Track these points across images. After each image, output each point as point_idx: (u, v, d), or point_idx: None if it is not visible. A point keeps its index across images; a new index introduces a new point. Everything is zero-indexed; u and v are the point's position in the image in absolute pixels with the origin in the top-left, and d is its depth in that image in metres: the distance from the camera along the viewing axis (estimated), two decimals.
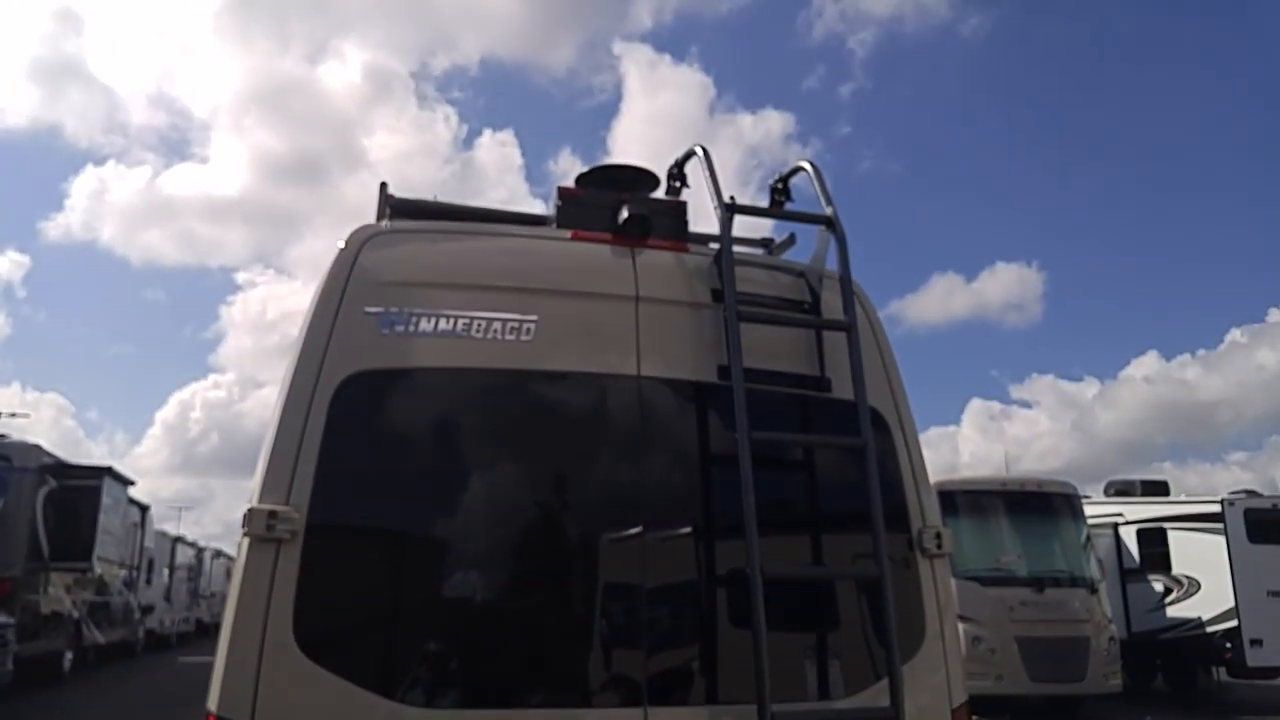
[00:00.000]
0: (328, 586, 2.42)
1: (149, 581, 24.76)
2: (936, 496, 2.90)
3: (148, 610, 24.44)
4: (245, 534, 2.39)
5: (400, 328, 2.60)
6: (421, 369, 2.64)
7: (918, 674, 2.65)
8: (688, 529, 2.70)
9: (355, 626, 2.49)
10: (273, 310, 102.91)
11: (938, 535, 2.79)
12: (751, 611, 2.42)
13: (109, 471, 18.89)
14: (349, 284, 2.60)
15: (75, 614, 17.71)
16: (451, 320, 2.64)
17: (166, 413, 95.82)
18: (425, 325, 2.62)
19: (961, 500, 14.16)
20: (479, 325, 2.65)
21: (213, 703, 2.30)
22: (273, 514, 2.36)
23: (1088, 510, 15.55)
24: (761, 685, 2.39)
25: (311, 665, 2.31)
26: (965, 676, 10.45)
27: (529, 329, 2.69)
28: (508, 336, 2.67)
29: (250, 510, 2.39)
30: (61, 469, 17.17)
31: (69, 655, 17.37)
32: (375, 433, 2.60)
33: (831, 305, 2.95)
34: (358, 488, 2.54)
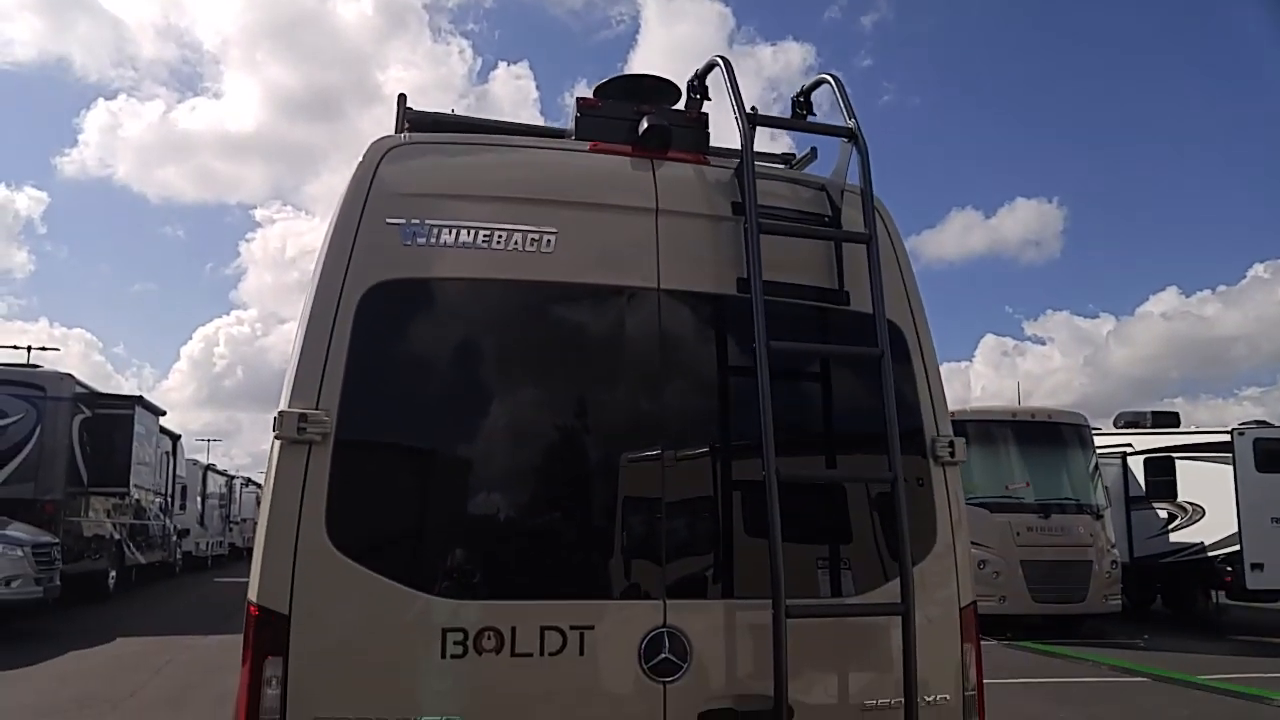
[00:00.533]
0: (359, 486, 2.52)
1: (183, 507, 25.61)
2: (947, 410, 2.99)
3: (184, 534, 25.36)
4: (276, 436, 2.48)
5: (422, 240, 2.65)
6: (444, 279, 2.71)
7: (928, 575, 2.78)
8: (706, 436, 2.80)
9: (386, 524, 2.61)
10: (292, 247, 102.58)
11: (950, 444, 2.90)
12: (768, 513, 2.53)
13: (140, 401, 19.41)
14: (369, 195, 2.64)
15: (116, 536, 18.47)
16: (472, 232, 2.68)
17: (191, 348, 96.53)
18: (446, 237, 2.67)
19: (973, 430, 14.39)
20: (499, 237, 2.70)
21: (253, 594, 2.44)
22: (303, 417, 2.45)
23: (1097, 441, 15.81)
24: (776, 581, 2.51)
25: (345, 560, 2.43)
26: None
27: (549, 241, 2.73)
28: (528, 248, 2.71)
29: (281, 413, 2.47)
30: (94, 398, 17.67)
31: (113, 574, 18.23)
32: (401, 340, 2.68)
33: (852, 219, 2.98)
34: (385, 392, 2.62)
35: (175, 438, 24.23)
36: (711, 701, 2.59)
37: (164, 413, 21.61)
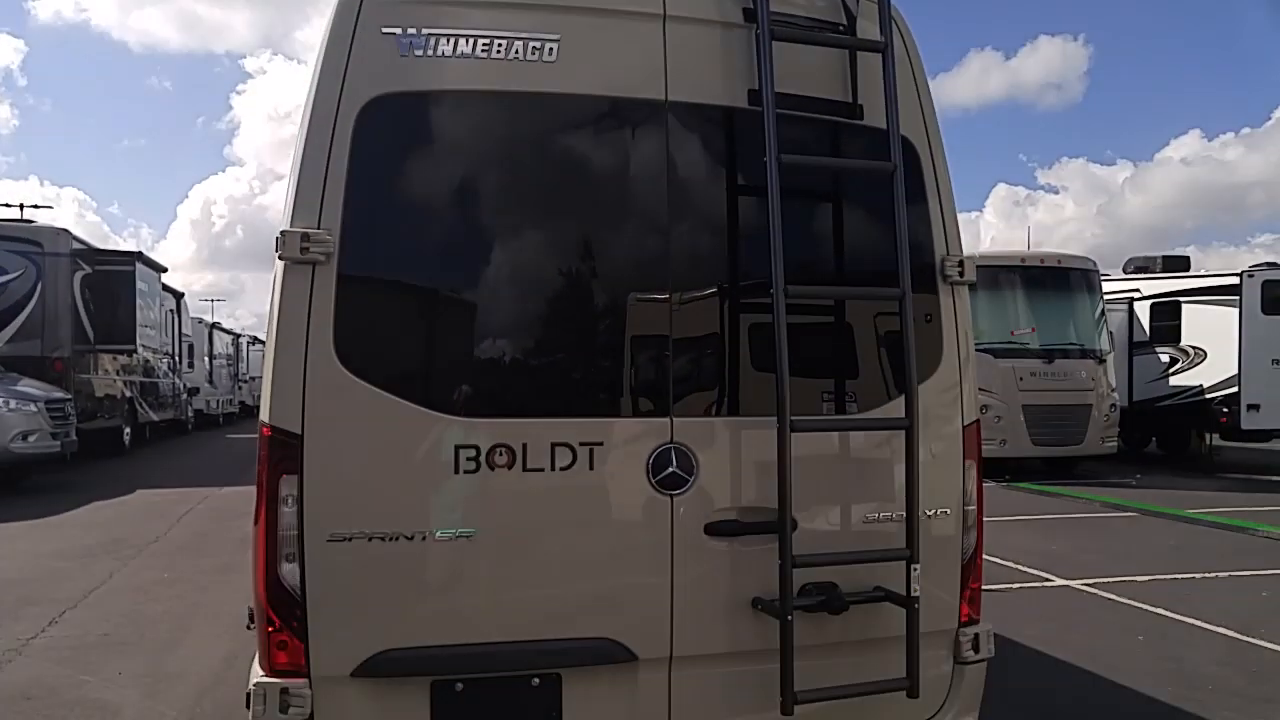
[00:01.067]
0: (366, 307, 2.52)
1: (191, 365, 25.92)
2: (958, 230, 2.94)
3: (194, 392, 25.77)
4: (280, 257, 2.44)
5: (419, 51, 2.55)
6: (444, 92, 2.63)
7: (933, 393, 2.80)
8: (714, 250, 2.78)
9: (395, 345, 2.60)
10: (286, 101, 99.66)
11: (960, 264, 2.87)
12: (774, 326, 2.53)
13: (139, 256, 19.27)
14: (364, 2, 2.53)
15: (127, 393, 18.77)
16: (471, 41, 2.58)
17: (189, 207, 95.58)
18: (444, 47, 2.56)
19: (980, 274, 14.23)
20: (499, 45, 2.59)
21: (265, 414, 2.46)
22: (305, 236, 2.41)
23: (1105, 287, 15.76)
24: (781, 393, 2.52)
25: (355, 380, 2.44)
26: None
27: (551, 49, 2.62)
28: (529, 57, 2.61)
29: (283, 233, 2.42)
30: (93, 254, 17.55)
31: (127, 431, 18.66)
32: (402, 157, 2.62)
33: (867, 29, 2.86)
34: (389, 211, 2.58)
35: (179, 295, 24.23)
36: (716, 513, 2.64)
37: (165, 269, 21.51)
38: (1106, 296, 15.60)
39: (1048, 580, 7.74)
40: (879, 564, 2.70)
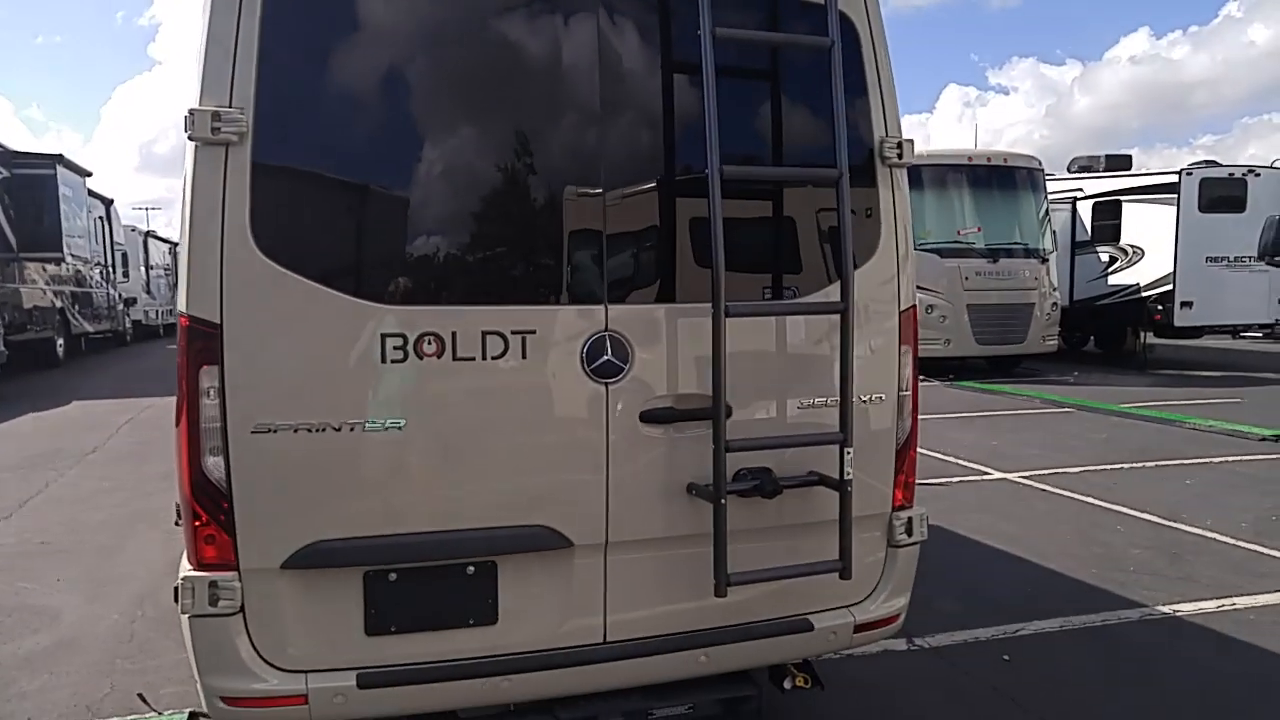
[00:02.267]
0: (283, 189, 2.40)
1: (126, 275, 24.99)
2: (897, 112, 2.86)
3: (130, 302, 24.92)
4: (190, 138, 2.31)
5: None
6: None
7: (870, 278, 2.78)
8: (650, 135, 2.69)
9: (316, 230, 2.50)
10: None
11: (899, 145, 2.81)
12: (709, 210, 2.47)
13: (60, 159, 18.29)
14: None
15: (58, 304, 18.09)
16: None
17: (113, 109, 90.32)
18: None
19: (926, 174, 14.31)
20: None
21: (182, 303, 2.36)
22: (216, 115, 2.28)
23: (1049, 186, 15.87)
24: (716, 277, 2.47)
25: (274, 267, 2.34)
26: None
27: None
28: None
29: (192, 112, 2.29)
30: (9, 156, 16.62)
31: (60, 342, 18.08)
32: (319, 31, 2.47)
33: None
34: (306, 86, 2.45)
35: (108, 202, 23.19)
36: (652, 401, 2.62)
37: (89, 174, 20.49)
38: (1051, 196, 15.73)
39: (987, 474, 7.99)
40: (814, 449, 2.71)
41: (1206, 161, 16.07)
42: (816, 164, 2.73)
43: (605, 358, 2.56)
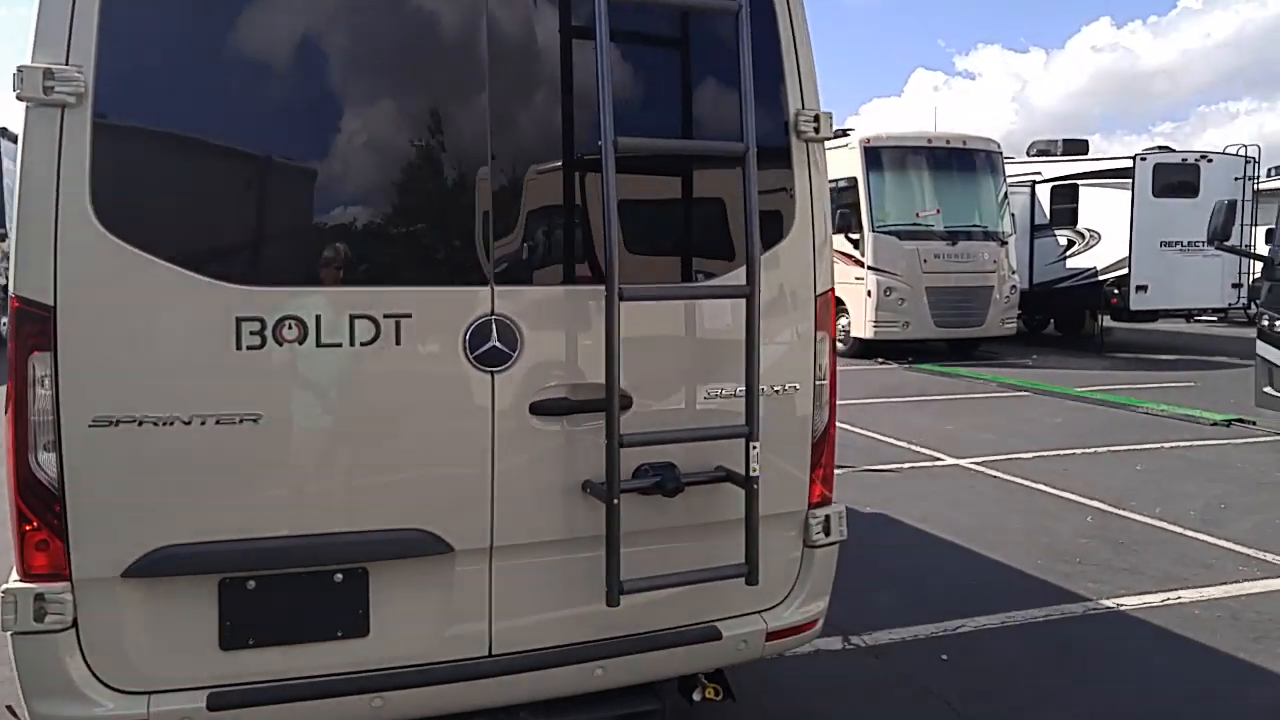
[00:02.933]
0: (128, 157, 2.17)
1: None
2: (815, 83, 2.65)
3: None
4: (19, 98, 2.07)
5: None
6: None
7: (783, 259, 2.58)
8: (542, 102, 2.46)
9: (162, 201, 2.24)
10: None
11: (815, 119, 2.59)
12: (603, 184, 2.24)
13: None
14: None
15: None
16: None
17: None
18: None
19: (886, 155, 14.17)
20: None
21: (12, 284, 2.12)
22: (49, 73, 2.03)
23: (1009, 170, 15.79)
24: (610, 259, 2.25)
25: (116, 243, 2.10)
26: (875, 323, 10.85)
27: None
28: None
29: (21, 69, 2.04)
30: None
31: None
32: None
33: None
34: (153, 43, 2.20)
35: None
36: (544, 391, 2.38)
37: None
38: (1010, 179, 15.65)
39: (939, 459, 7.85)
40: (724, 443, 2.48)
41: (1160, 147, 16.09)
42: (724, 135, 2.49)
43: (490, 344, 2.32)
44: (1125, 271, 15.09)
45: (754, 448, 2.40)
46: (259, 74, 2.28)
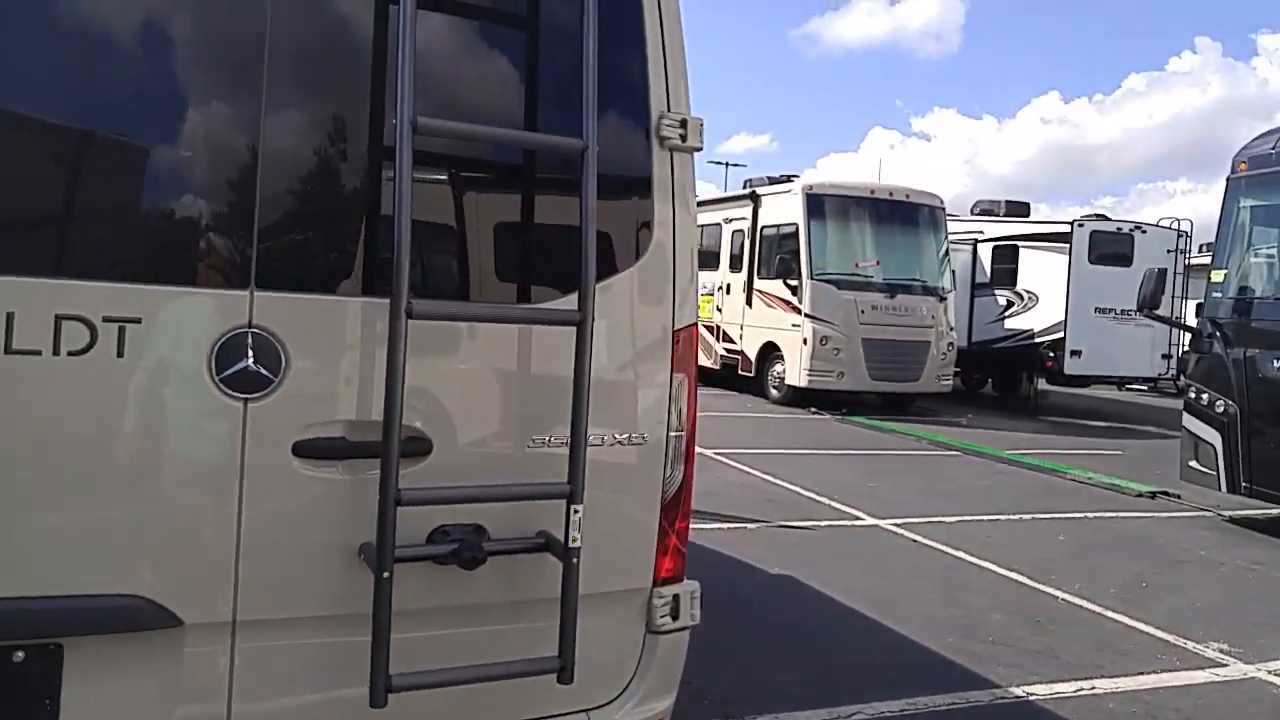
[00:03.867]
0: None
1: None
2: (686, 85, 2.28)
3: None
4: None
5: None
6: None
7: (635, 285, 2.16)
8: (333, 73, 1.99)
9: None
10: None
11: (683, 124, 2.18)
12: (395, 175, 1.79)
13: None
14: None
15: None
16: None
17: None
18: None
19: (828, 203, 14.02)
20: None
21: None
22: None
23: (952, 226, 15.77)
24: (399, 265, 1.78)
25: None
26: (809, 372, 10.41)
27: None
28: None
29: None
30: None
31: None
32: None
33: None
34: None
35: None
36: (313, 428, 1.88)
37: None
38: (953, 236, 15.62)
39: (858, 519, 7.47)
40: (551, 504, 2.01)
41: (1096, 215, 16.24)
42: (562, 132, 2.03)
43: (244, 364, 1.81)
44: (1061, 335, 15.09)
45: (575, 512, 1.94)
46: None
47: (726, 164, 65.85)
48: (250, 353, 1.82)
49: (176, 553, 1.82)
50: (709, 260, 16.02)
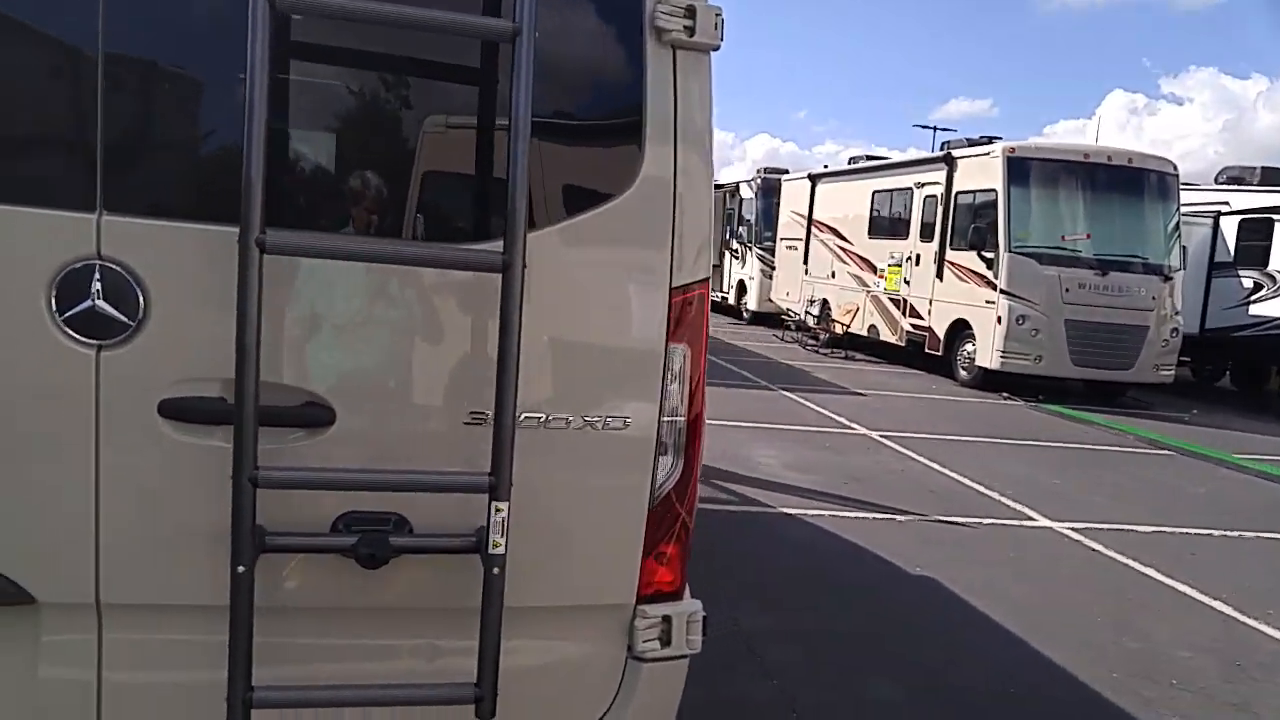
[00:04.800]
0: None
1: None
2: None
3: None
4: None
5: None
6: None
7: (616, 226, 1.72)
8: None
9: None
10: None
11: (689, 10, 1.69)
12: (247, 65, 1.40)
13: None
14: None
15: None
16: None
17: None
18: None
19: (1034, 168, 12.56)
20: None
21: None
22: None
23: (1188, 198, 13.79)
24: (249, 188, 1.44)
25: None
26: (1002, 353, 9.27)
27: None
28: None
29: None
30: None
31: None
32: None
33: None
34: None
35: None
36: (184, 385, 1.59)
37: None
38: (1188, 208, 13.64)
39: (1029, 519, 6.57)
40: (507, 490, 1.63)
41: None
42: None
43: (90, 303, 1.54)
44: None
45: (498, 510, 1.54)
46: None
47: (935, 128, 62.09)
48: (98, 289, 1.53)
49: (25, 524, 1.59)
50: (898, 228, 14.96)
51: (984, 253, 12.63)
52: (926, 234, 14.21)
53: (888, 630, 4.29)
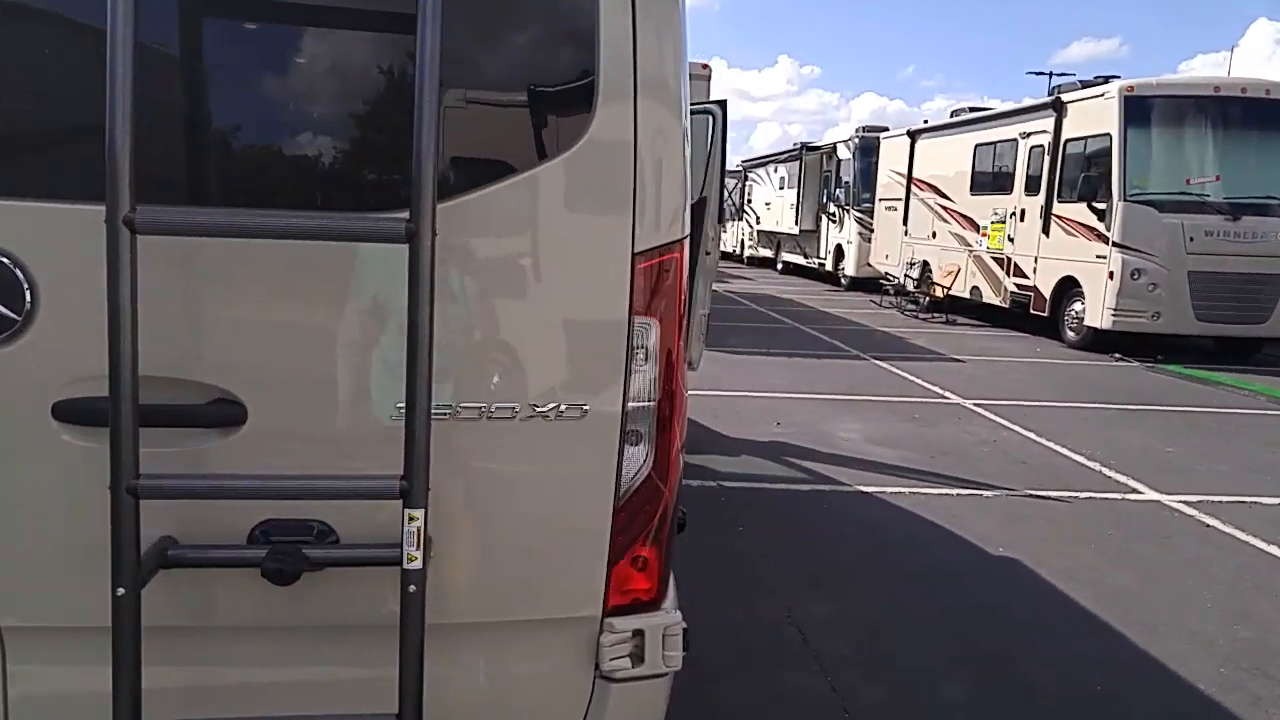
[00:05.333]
0: None
1: None
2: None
3: None
4: None
5: None
6: None
7: (563, 185, 1.49)
8: None
9: None
10: None
11: None
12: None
13: None
14: None
15: None
16: None
17: None
18: None
19: (1156, 106, 11.52)
20: None
21: None
22: None
23: None
24: (115, 160, 1.29)
25: None
26: (1114, 311, 8.57)
27: None
28: None
29: None
30: None
31: None
32: None
33: None
34: None
35: None
36: (81, 385, 1.46)
37: None
38: None
39: (1135, 492, 6.04)
40: (437, 498, 1.45)
41: None
42: None
43: None
44: None
45: (412, 519, 1.36)
46: None
47: (1050, 74, 58.42)
48: None
49: None
50: (1003, 182, 14.08)
51: (1094, 204, 11.74)
52: (1032, 187, 13.32)
53: (961, 621, 3.97)
